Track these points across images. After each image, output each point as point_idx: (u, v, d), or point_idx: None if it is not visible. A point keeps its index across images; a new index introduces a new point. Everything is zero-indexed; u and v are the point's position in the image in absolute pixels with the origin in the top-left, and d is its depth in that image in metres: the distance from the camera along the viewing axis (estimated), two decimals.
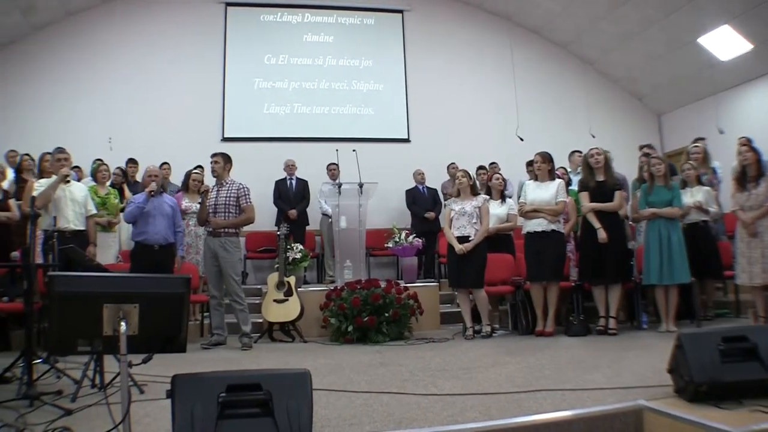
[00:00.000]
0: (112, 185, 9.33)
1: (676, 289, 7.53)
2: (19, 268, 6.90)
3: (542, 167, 7.91)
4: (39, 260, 6.14)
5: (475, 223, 7.85)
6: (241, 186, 7.76)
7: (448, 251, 8.03)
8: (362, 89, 13.27)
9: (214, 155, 7.83)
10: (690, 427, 3.45)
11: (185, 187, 9.30)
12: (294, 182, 11.61)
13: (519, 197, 8.18)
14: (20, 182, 8.75)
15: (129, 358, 2.95)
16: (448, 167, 12.00)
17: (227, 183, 7.78)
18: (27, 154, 9.23)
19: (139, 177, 9.89)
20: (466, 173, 8.14)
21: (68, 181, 7.43)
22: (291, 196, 11.48)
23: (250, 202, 7.78)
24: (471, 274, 7.76)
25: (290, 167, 11.62)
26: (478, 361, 5.95)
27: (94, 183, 9.08)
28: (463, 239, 7.80)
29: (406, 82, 13.38)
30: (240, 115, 12.69)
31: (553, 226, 7.70)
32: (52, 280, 2.98)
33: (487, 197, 8.21)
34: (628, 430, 3.79)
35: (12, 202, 7.99)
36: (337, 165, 10.85)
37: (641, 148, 9.76)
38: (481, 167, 10.79)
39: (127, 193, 9.66)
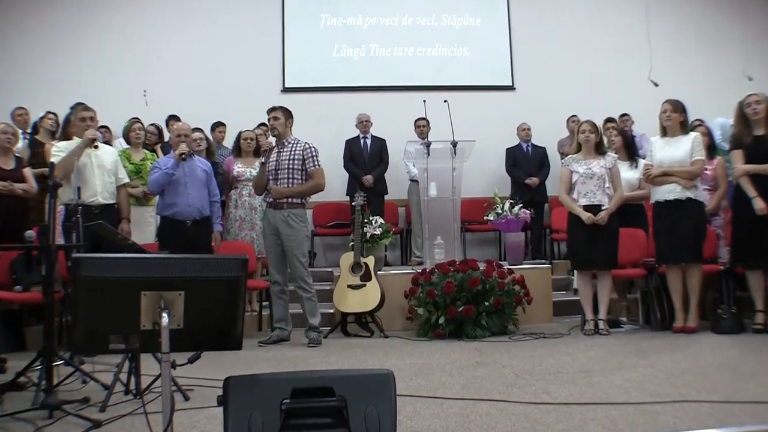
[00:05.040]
0: (146, 147, 9.37)
1: None
2: (35, 251, 7.06)
3: (672, 118, 7.63)
4: (60, 240, 6.23)
5: (607, 188, 7.73)
6: (307, 145, 7.74)
7: (570, 224, 7.91)
8: (455, 25, 13.09)
9: (272, 110, 7.80)
10: None
11: (237, 150, 9.40)
12: (369, 141, 11.59)
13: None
14: (36, 146, 8.85)
15: (172, 357, 2.99)
16: (567, 121, 11.81)
17: (290, 142, 7.77)
18: (51, 112, 9.39)
19: None
20: (594, 126, 7.96)
21: (96, 146, 7.50)
22: (365, 158, 11.48)
23: (319, 164, 7.77)
24: (604, 252, 7.66)
25: (364, 123, 11.59)
26: (601, 363, 5.91)
27: (127, 146, 9.17)
28: (592, 209, 7.67)
29: (509, 15, 13.15)
30: (303, 60, 12.71)
31: (688, 193, 7.47)
32: (78, 263, 3.03)
33: (616, 156, 8.04)
34: None
35: (28, 171, 7.95)
36: (426, 120, 10.81)
37: None
38: (609, 119, 10.55)
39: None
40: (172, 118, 10.58)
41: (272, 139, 7.79)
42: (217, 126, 10.93)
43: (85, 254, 3.36)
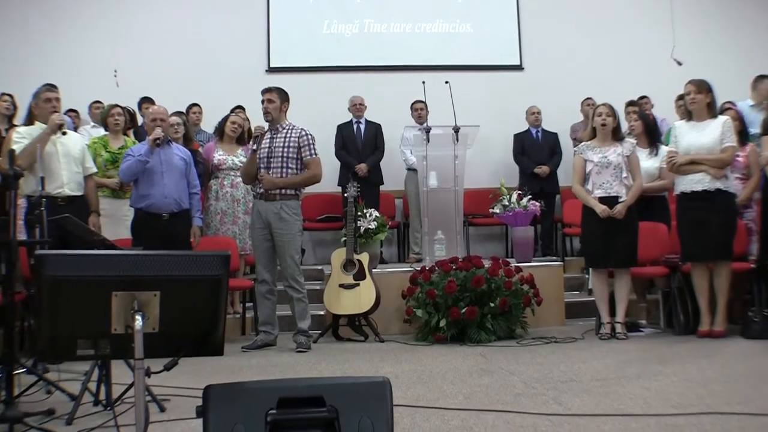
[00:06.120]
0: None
1: None
2: None
3: (697, 100, 7.56)
4: (21, 236, 6.20)
5: (625, 177, 7.69)
6: (303, 132, 7.74)
7: (584, 218, 7.90)
8: None
9: (267, 91, 7.78)
10: None
11: (220, 134, 9.34)
12: (363, 127, 11.59)
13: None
14: None
15: (146, 363, 2.98)
16: (581, 104, 11.82)
17: (284, 127, 7.77)
18: (7, 94, 9.29)
19: None
20: (612, 110, 7.91)
21: (65, 132, 7.46)
22: (359, 145, 11.47)
23: (316, 154, 7.78)
24: (622, 249, 7.63)
25: (358, 107, 11.58)
26: (619, 371, 5.92)
27: (105, 132, 9.09)
28: (608, 201, 7.64)
29: None
30: (291, 37, 12.67)
31: (718, 184, 7.42)
32: (42, 260, 3.01)
33: (635, 142, 8.03)
34: None
35: None
36: (424, 103, 10.79)
37: None
38: (631, 102, 10.53)
39: None
40: (145, 101, 10.55)
41: (263, 124, 7.77)
42: (192, 107, 10.89)
43: (49, 251, 3.33)
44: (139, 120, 10.20)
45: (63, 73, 10.27)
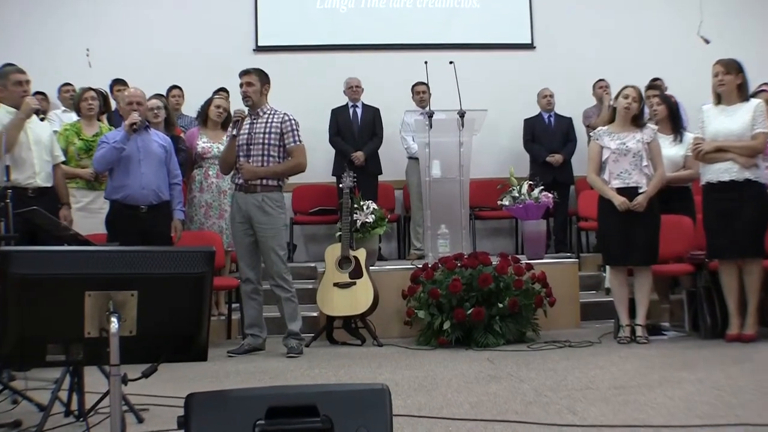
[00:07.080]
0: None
1: None
2: None
3: (726, 81, 7.48)
4: None
5: (645, 166, 7.65)
6: (286, 117, 7.72)
7: (601, 211, 7.88)
8: None
9: (245, 73, 7.75)
10: None
11: (203, 119, 9.33)
12: (360, 111, 11.59)
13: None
14: None
15: (123, 370, 2.97)
16: (594, 86, 11.81)
17: (265, 112, 7.76)
18: None
19: None
20: (640, 94, 7.87)
21: (43, 118, 7.40)
22: (355, 131, 11.47)
23: (300, 141, 7.77)
24: (642, 245, 7.60)
25: (354, 89, 11.59)
26: (639, 378, 5.92)
27: (77, 118, 9.05)
28: (627, 192, 7.60)
29: None
30: (280, 13, 12.66)
31: (747, 173, 7.36)
32: (8, 258, 3.01)
33: (656, 128, 7.99)
34: None
35: None
36: (426, 85, 10.78)
37: None
38: (652, 86, 10.49)
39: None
40: (117, 83, 10.50)
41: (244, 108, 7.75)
42: (172, 90, 10.86)
43: (16, 247, 3.33)
44: (113, 104, 10.16)
45: (30, 52, 10.28)
